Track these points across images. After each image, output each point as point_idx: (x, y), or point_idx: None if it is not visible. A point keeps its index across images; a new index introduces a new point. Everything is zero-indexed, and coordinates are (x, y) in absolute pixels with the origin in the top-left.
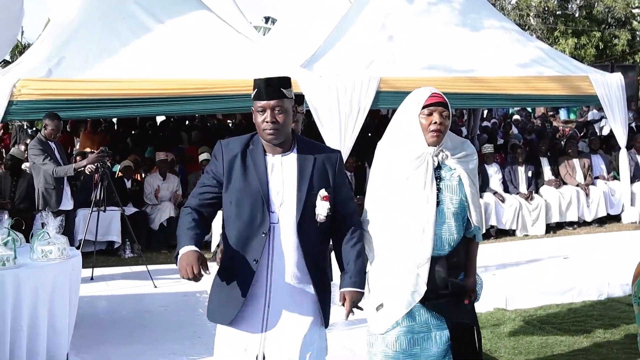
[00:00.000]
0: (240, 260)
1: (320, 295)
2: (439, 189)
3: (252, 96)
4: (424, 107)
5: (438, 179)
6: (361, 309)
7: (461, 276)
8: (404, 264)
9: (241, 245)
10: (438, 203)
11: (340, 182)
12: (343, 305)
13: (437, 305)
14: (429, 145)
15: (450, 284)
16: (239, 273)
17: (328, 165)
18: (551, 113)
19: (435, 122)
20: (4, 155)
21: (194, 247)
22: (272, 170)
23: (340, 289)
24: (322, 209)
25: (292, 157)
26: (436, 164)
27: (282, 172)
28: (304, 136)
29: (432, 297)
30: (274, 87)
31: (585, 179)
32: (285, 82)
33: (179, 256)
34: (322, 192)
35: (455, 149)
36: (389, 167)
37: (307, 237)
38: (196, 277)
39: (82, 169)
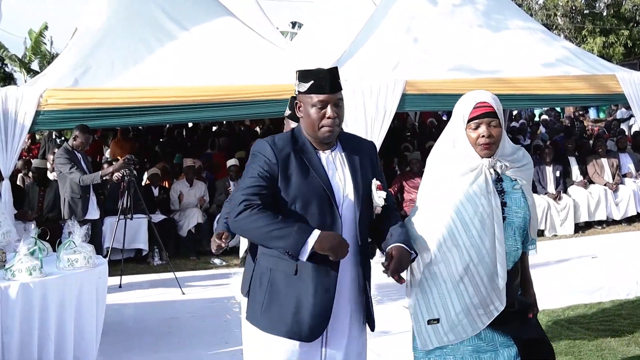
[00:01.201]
0: (316, 268)
1: (370, 297)
2: (505, 203)
3: (307, 89)
4: (469, 121)
5: (502, 192)
6: (401, 279)
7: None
8: (467, 288)
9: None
10: (504, 218)
11: (379, 173)
12: (386, 268)
13: (503, 322)
14: (482, 157)
15: (517, 301)
16: (319, 282)
17: (368, 156)
18: (581, 112)
19: (483, 136)
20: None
21: (318, 230)
22: (328, 168)
23: (385, 249)
24: (379, 198)
25: (340, 152)
26: (494, 175)
27: (336, 169)
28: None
29: (498, 315)
30: (335, 78)
31: (613, 178)
32: (339, 72)
33: (311, 242)
34: (375, 182)
35: (512, 155)
36: (439, 183)
37: (364, 233)
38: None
39: (109, 176)
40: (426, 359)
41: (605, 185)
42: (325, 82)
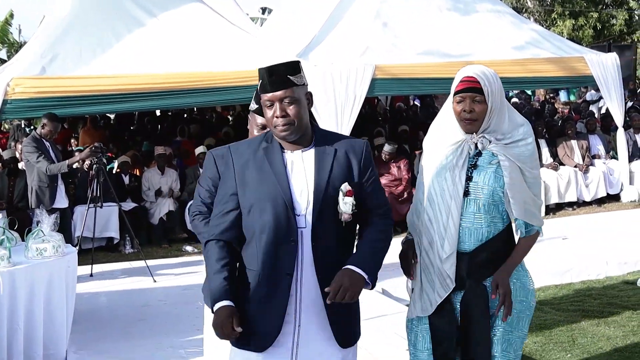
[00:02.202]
0: (270, 277)
1: (350, 308)
2: (470, 178)
3: (259, 87)
4: (455, 94)
5: (473, 167)
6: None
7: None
8: (432, 259)
9: (269, 257)
10: (467, 193)
11: (367, 174)
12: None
13: (467, 306)
14: (466, 133)
15: (468, 285)
16: (272, 292)
17: (351, 155)
18: (551, 95)
19: (464, 111)
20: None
21: (226, 303)
22: (293, 169)
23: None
24: (344, 205)
25: (313, 152)
26: (473, 150)
27: (305, 170)
28: (325, 129)
29: (465, 295)
30: (279, 76)
31: (583, 159)
32: (294, 67)
33: (214, 310)
34: (345, 187)
35: (507, 133)
36: (427, 155)
37: (324, 242)
38: (230, 337)
39: (78, 164)
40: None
41: (575, 167)
42: (266, 80)
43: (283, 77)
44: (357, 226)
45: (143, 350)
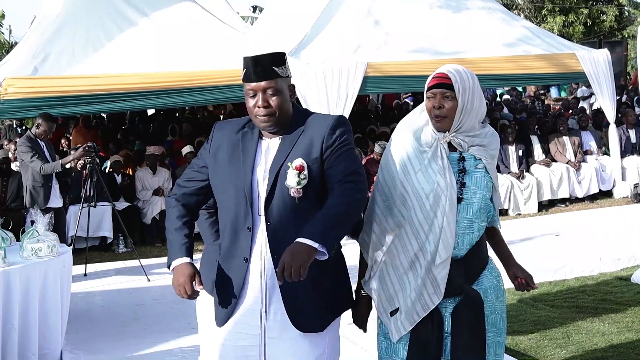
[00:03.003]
0: (231, 257)
1: (327, 293)
2: (463, 184)
3: (242, 77)
4: (427, 90)
5: (462, 172)
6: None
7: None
8: (422, 267)
9: (231, 240)
10: (461, 199)
11: (335, 147)
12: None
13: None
14: (437, 131)
15: (467, 291)
16: (231, 271)
17: (317, 131)
18: (542, 91)
19: (434, 107)
20: None
21: (185, 260)
22: (266, 156)
23: None
24: (291, 179)
25: (292, 138)
26: (447, 151)
27: (272, 158)
28: (306, 110)
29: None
30: (264, 66)
31: (575, 156)
32: (278, 58)
33: (171, 268)
34: (296, 162)
35: (474, 131)
36: (398, 153)
37: (284, 223)
38: (191, 297)
39: (71, 164)
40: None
41: (567, 163)
42: (250, 70)
43: (268, 67)
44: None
45: (138, 349)
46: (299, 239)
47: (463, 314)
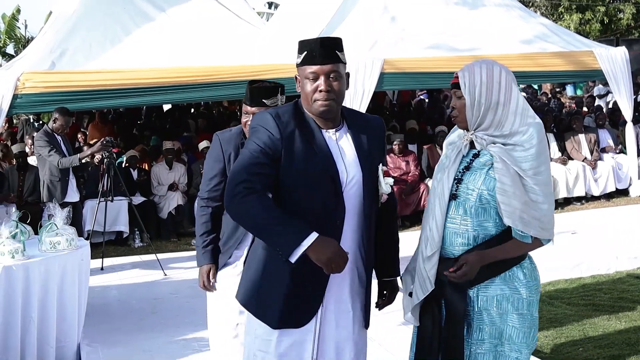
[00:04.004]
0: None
1: (368, 293)
2: (459, 180)
3: (300, 61)
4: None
5: (466, 168)
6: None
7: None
8: (418, 258)
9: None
10: (455, 195)
11: (384, 154)
12: (378, 304)
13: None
14: (463, 130)
15: (447, 291)
16: (314, 273)
17: (377, 136)
18: (558, 89)
19: (451, 107)
20: (10, 150)
21: (317, 234)
22: (333, 150)
23: (378, 274)
24: (386, 185)
25: (346, 132)
26: (466, 149)
27: (341, 150)
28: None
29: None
30: (329, 49)
31: (591, 154)
32: (340, 44)
33: (309, 247)
34: (382, 168)
35: (509, 133)
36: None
37: (369, 223)
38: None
39: (88, 159)
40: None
41: (583, 161)
42: (316, 52)
43: (332, 51)
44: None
45: (156, 343)
46: (393, 279)
47: (448, 312)
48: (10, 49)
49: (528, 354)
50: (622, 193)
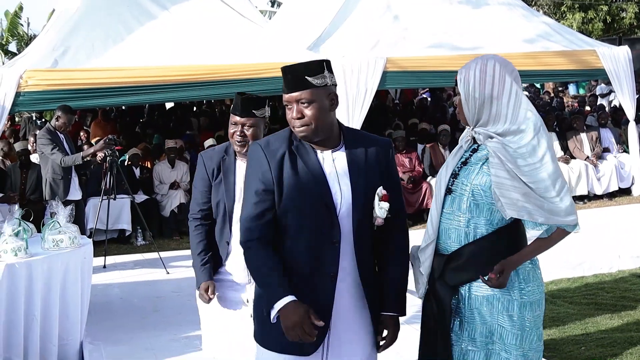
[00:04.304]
0: (313, 279)
1: (374, 313)
2: (455, 175)
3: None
4: None
5: (463, 163)
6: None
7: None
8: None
9: (312, 259)
10: (450, 190)
11: (390, 176)
12: (380, 345)
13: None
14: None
15: (437, 286)
16: (316, 294)
17: (380, 156)
18: (560, 88)
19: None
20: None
21: (291, 298)
22: (327, 170)
23: (381, 308)
24: (380, 210)
25: (342, 152)
26: (469, 145)
27: (337, 171)
28: (352, 127)
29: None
30: (295, 77)
31: (593, 150)
32: (313, 68)
33: (284, 309)
34: (381, 191)
35: (508, 128)
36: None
37: (364, 245)
38: (309, 338)
39: (90, 157)
40: None
41: (585, 159)
42: (286, 80)
43: (300, 77)
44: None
45: (158, 341)
46: (392, 315)
47: (431, 311)
48: (12, 47)
49: (519, 356)
50: (625, 192)
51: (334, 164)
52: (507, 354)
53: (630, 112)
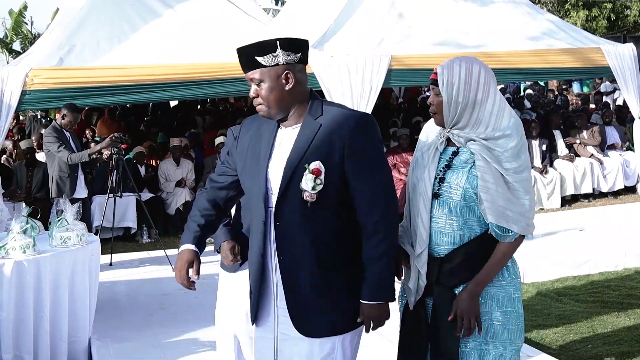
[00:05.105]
0: (252, 252)
1: (336, 298)
2: (442, 179)
3: None
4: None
5: (447, 167)
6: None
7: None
8: (412, 260)
9: (251, 235)
10: (438, 195)
11: (357, 154)
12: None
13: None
14: (441, 127)
15: (436, 291)
16: (251, 269)
17: (338, 132)
18: (564, 86)
19: (429, 103)
20: (18, 147)
21: (189, 246)
22: (281, 146)
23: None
24: (306, 183)
25: (298, 128)
26: (442, 146)
27: (287, 147)
28: (330, 103)
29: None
30: (245, 57)
31: (596, 147)
32: (261, 48)
33: (179, 254)
34: (313, 165)
35: (489, 131)
36: (416, 150)
37: (320, 223)
38: (189, 287)
39: (97, 154)
40: None
41: (590, 157)
42: (240, 61)
43: (250, 58)
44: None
45: (166, 338)
46: (373, 303)
47: (436, 313)
48: (16, 46)
49: (514, 351)
50: (630, 190)
51: (284, 141)
52: (502, 349)
53: (635, 110)
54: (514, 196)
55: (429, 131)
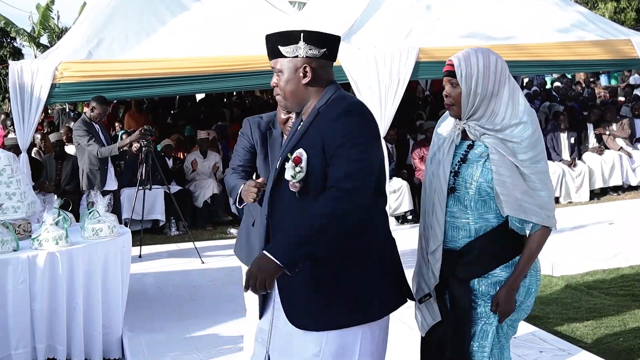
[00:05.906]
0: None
1: (330, 294)
2: (457, 173)
3: None
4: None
5: (462, 161)
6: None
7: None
8: (423, 254)
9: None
10: (453, 189)
11: (337, 143)
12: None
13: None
14: (455, 119)
15: (452, 284)
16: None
17: (325, 120)
18: (592, 79)
19: (444, 95)
20: (47, 140)
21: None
22: (285, 139)
23: None
24: (287, 171)
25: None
26: (458, 138)
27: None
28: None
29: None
30: (269, 45)
31: (626, 139)
32: (285, 38)
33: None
34: (296, 153)
35: (503, 123)
36: (432, 144)
37: (283, 216)
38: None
39: (126, 147)
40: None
41: (619, 150)
42: (266, 48)
43: (274, 46)
44: None
45: (196, 330)
46: (265, 252)
47: (452, 305)
48: (44, 40)
49: (511, 327)
50: None
51: (287, 139)
52: (488, 325)
53: None
54: (531, 188)
55: (441, 126)
